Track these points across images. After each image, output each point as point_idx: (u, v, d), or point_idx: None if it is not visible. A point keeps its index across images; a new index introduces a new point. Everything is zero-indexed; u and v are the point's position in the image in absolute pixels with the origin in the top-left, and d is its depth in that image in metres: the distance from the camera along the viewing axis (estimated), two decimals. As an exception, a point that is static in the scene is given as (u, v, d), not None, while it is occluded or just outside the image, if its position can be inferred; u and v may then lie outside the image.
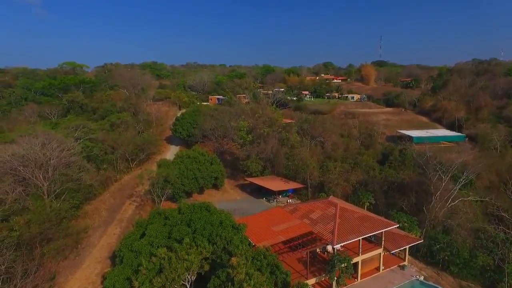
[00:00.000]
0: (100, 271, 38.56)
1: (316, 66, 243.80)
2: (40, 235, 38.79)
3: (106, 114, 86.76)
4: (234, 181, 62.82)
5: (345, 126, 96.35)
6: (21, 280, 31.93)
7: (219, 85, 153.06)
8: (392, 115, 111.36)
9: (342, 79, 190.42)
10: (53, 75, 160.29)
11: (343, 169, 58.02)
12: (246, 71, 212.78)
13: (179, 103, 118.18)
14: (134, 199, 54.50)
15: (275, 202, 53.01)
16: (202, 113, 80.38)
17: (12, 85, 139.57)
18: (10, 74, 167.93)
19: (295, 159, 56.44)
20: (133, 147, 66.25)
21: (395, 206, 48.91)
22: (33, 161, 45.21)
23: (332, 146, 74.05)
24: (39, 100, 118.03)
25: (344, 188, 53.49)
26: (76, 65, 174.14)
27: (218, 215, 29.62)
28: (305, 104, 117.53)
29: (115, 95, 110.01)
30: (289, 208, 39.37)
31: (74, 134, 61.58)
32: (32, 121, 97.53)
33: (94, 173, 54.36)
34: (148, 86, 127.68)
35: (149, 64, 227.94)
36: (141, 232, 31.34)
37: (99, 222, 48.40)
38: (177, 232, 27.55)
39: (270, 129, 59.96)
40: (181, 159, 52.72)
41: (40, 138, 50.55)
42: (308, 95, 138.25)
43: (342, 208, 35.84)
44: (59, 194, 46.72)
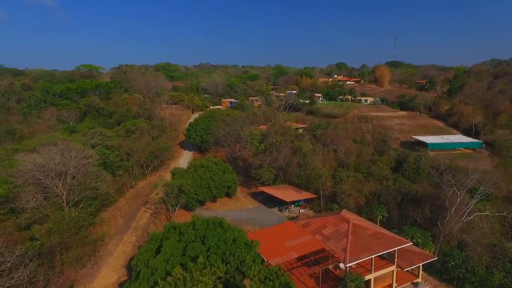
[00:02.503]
0: (116, 280, 39.75)
1: (329, 67, 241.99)
2: (59, 244, 40.25)
3: (122, 119, 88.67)
4: (246, 189, 63.33)
5: (358, 131, 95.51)
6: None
7: (232, 88, 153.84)
8: (407, 119, 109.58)
9: (356, 81, 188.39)
10: (70, 77, 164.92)
11: (356, 179, 57.71)
12: (258, 72, 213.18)
13: (192, 106, 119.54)
14: (148, 207, 55.64)
15: (287, 212, 53.28)
16: (215, 118, 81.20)
17: (32, 88, 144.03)
18: (30, 77, 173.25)
19: (307, 168, 56.47)
20: (148, 153, 67.62)
21: (409, 218, 48.51)
22: (52, 171, 46.81)
23: (345, 152, 73.75)
24: (58, 103, 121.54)
25: (357, 199, 53.26)
26: (92, 67, 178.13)
27: (232, 232, 30.15)
28: (317, 108, 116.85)
29: (130, 99, 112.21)
30: (301, 222, 39.58)
31: (91, 141, 63.35)
32: (51, 124, 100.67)
33: (110, 180, 55.77)
34: (162, 90, 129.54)
35: (163, 65, 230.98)
36: (156, 246, 32.17)
37: (115, 229, 49.69)
38: (191, 249, 28.23)
39: (282, 138, 60.13)
40: (194, 168, 53.53)
41: (59, 146, 52.40)
42: (320, 97, 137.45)
43: (355, 225, 35.83)
44: (77, 202, 48.32)
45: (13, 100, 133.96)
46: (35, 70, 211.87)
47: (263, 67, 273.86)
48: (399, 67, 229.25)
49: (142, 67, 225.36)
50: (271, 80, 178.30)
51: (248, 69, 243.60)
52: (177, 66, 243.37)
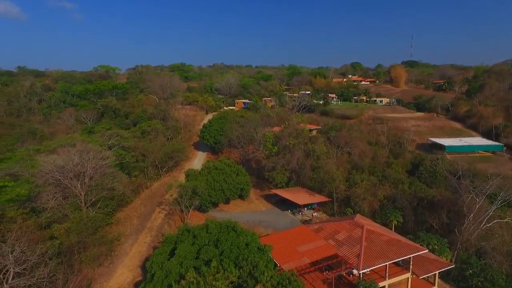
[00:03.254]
0: (131, 280, 40.61)
1: (344, 67, 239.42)
2: (78, 244, 41.44)
3: (138, 120, 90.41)
4: (259, 191, 63.49)
5: (373, 133, 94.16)
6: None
7: (245, 88, 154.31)
8: (423, 120, 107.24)
9: (371, 81, 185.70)
10: (88, 78, 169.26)
11: (370, 182, 56.98)
12: (272, 72, 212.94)
13: (206, 107, 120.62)
14: (163, 207, 56.52)
15: (300, 215, 53.14)
16: (228, 120, 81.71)
17: (52, 88, 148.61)
18: (50, 78, 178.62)
19: (321, 171, 56.14)
20: (163, 154, 68.69)
21: (425, 224, 47.58)
22: (71, 172, 48.19)
23: (359, 154, 72.92)
24: (76, 103, 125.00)
25: (371, 203, 52.60)
26: (109, 68, 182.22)
27: (245, 236, 30.36)
28: (331, 109, 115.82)
29: (146, 100, 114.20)
30: (314, 227, 39.41)
31: (108, 142, 64.87)
32: (70, 125, 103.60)
33: (126, 181, 56.92)
34: (176, 91, 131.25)
35: (178, 65, 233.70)
36: (170, 248, 32.70)
37: (130, 229, 50.71)
38: (205, 253, 28.60)
39: (296, 140, 59.94)
40: (208, 170, 54.04)
41: (77, 147, 53.87)
42: (335, 98, 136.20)
43: (369, 231, 35.43)
44: (95, 202, 49.57)
45: (34, 101, 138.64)
46: (55, 71, 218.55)
47: (277, 67, 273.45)
48: (415, 66, 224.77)
49: (157, 68, 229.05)
50: (284, 81, 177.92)
51: (262, 69, 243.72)
52: (191, 66, 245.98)
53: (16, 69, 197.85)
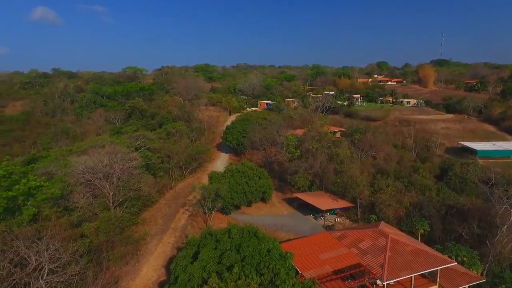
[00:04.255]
0: (156, 279, 41.83)
1: (369, 66, 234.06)
2: (106, 242, 43.17)
3: (163, 121, 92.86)
4: (281, 194, 63.41)
5: (399, 135, 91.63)
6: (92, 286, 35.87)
7: (268, 89, 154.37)
8: (453, 123, 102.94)
9: (397, 81, 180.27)
10: (117, 79, 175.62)
11: (395, 188, 55.43)
12: (295, 72, 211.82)
13: (229, 108, 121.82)
14: (187, 208, 57.69)
15: (322, 220, 52.60)
16: (251, 122, 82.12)
17: (84, 90, 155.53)
18: (82, 79, 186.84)
19: (344, 176, 55.26)
20: (187, 156, 70.12)
21: (453, 234, 45.67)
22: (100, 172, 50.27)
23: (384, 158, 71.16)
24: (106, 104, 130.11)
25: (397, 210, 51.14)
26: (136, 69, 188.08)
27: (266, 243, 30.51)
28: (356, 110, 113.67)
29: (171, 101, 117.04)
30: (336, 234, 38.94)
31: (135, 143, 67.10)
32: (99, 125, 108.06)
33: (152, 182, 58.61)
34: (201, 92, 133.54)
35: (202, 66, 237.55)
36: (193, 252, 33.42)
37: (155, 229, 52.13)
38: (227, 258, 29.04)
39: (319, 144, 59.36)
40: (230, 173, 54.64)
41: (107, 149, 56.17)
42: (359, 99, 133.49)
43: (394, 240, 34.58)
44: (122, 202, 51.42)
45: (67, 101, 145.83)
46: (86, 72, 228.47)
47: (300, 67, 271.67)
48: (446, 65, 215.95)
49: (182, 68, 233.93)
50: (308, 81, 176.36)
51: (285, 69, 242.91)
52: (215, 67, 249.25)
53: (51, 71, 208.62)
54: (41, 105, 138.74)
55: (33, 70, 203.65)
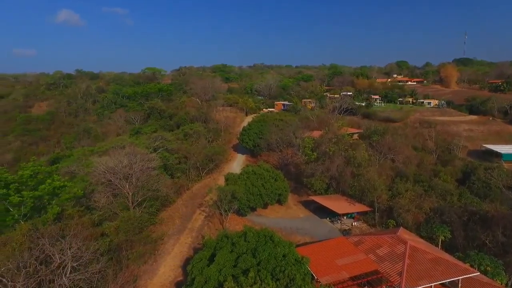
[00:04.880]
0: (173, 279, 42.54)
1: (388, 66, 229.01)
2: (126, 242, 44.35)
3: (181, 122, 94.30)
4: (297, 196, 63.12)
5: (419, 137, 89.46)
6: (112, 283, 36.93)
7: (285, 89, 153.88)
8: (477, 125, 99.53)
9: (418, 81, 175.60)
10: (137, 79, 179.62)
11: (415, 192, 54.13)
12: (312, 72, 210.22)
13: (246, 109, 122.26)
14: (203, 209, 58.37)
15: (339, 224, 52.04)
16: (267, 123, 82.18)
17: (105, 90, 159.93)
18: (103, 80, 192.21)
19: (362, 179, 54.43)
20: (204, 157, 70.95)
21: (476, 241, 44.15)
22: (121, 173, 51.64)
23: (403, 161, 69.62)
24: (126, 104, 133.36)
25: (416, 215, 49.92)
26: (155, 70, 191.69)
27: (282, 247, 30.52)
28: (374, 111, 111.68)
29: (188, 102, 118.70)
30: (353, 239, 38.46)
31: (154, 144, 68.54)
32: (120, 125, 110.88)
33: (170, 183, 59.66)
34: (218, 93, 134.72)
35: (219, 66, 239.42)
36: (210, 254, 33.82)
37: (173, 230, 53.02)
38: (243, 262, 29.26)
39: (336, 147, 58.71)
40: (247, 175, 54.88)
41: (126, 150, 57.64)
42: (378, 100, 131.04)
43: (413, 247, 33.82)
44: (141, 202, 52.64)
45: (89, 102, 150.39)
46: (107, 73, 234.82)
47: (317, 66, 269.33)
48: (469, 65, 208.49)
49: (199, 69, 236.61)
50: (325, 81, 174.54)
51: (302, 69, 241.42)
52: (232, 67, 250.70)
53: (75, 72, 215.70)
54: (65, 106, 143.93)
55: (57, 72, 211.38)
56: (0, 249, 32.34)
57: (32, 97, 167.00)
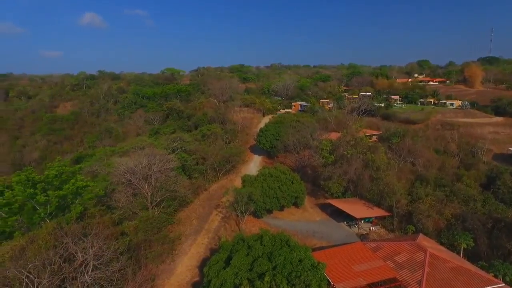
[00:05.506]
0: (190, 279, 43.25)
1: (409, 65, 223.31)
2: (144, 241, 45.43)
3: (199, 123, 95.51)
4: (314, 199, 62.68)
5: (441, 140, 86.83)
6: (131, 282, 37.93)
7: (303, 90, 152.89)
8: (503, 127, 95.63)
9: (440, 81, 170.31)
10: (156, 80, 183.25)
11: (436, 198, 52.67)
12: (330, 72, 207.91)
13: (263, 109, 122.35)
14: (220, 210, 58.93)
15: (356, 228, 51.31)
16: (284, 124, 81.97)
17: (126, 91, 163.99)
18: (124, 81, 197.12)
19: (380, 183, 53.44)
20: (221, 158, 71.57)
21: (501, 249, 42.55)
22: (140, 174, 52.89)
23: (424, 164, 67.85)
24: (145, 104, 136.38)
25: (437, 221, 48.53)
26: (174, 71, 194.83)
27: (298, 252, 30.45)
28: (394, 112, 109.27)
29: (206, 103, 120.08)
30: (371, 245, 37.86)
31: (172, 145, 69.77)
32: (139, 125, 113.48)
33: (187, 183, 60.54)
34: (235, 94, 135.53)
35: (237, 67, 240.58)
36: (226, 256, 34.17)
37: (190, 230, 53.83)
38: (259, 266, 29.43)
39: (354, 150, 57.87)
40: (263, 177, 54.98)
41: (146, 151, 58.99)
42: (398, 100, 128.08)
43: (433, 255, 32.97)
44: (159, 203, 53.74)
45: (111, 102, 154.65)
46: (128, 73, 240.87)
47: (336, 66, 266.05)
48: (495, 64, 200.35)
49: (217, 69, 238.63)
50: (343, 81, 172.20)
51: (320, 69, 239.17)
52: (249, 67, 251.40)
53: (97, 72, 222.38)
54: (88, 106, 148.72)
55: (81, 72, 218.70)
56: (28, 246, 33.75)
57: (58, 98, 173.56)
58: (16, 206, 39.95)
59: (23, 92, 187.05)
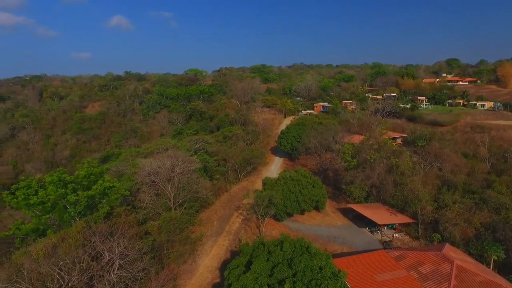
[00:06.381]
0: (210, 281, 44.00)
1: (437, 64, 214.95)
2: (167, 241, 46.64)
3: (221, 124, 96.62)
4: (335, 203, 61.93)
5: (470, 143, 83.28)
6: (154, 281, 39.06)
7: (325, 90, 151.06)
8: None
9: (470, 81, 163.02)
10: (180, 81, 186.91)
11: (464, 205, 50.61)
12: (354, 72, 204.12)
13: (284, 110, 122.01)
14: (240, 212, 59.46)
15: (379, 235, 50.28)
16: (306, 126, 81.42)
17: (150, 91, 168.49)
18: (149, 82, 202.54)
19: (404, 189, 52.00)
20: (242, 160, 72.13)
21: (535, 263, 40.40)
22: (164, 175, 54.27)
23: (451, 169, 65.30)
24: (169, 105, 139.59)
25: (465, 230, 46.64)
26: (197, 71, 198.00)
27: (319, 259, 30.25)
28: (420, 114, 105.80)
29: (228, 104, 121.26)
30: (394, 253, 37.00)
31: (194, 146, 71.06)
32: (163, 125, 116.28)
33: (209, 185, 61.43)
34: (256, 95, 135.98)
35: (259, 67, 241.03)
36: (246, 260, 34.52)
37: (211, 231, 54.71)
38: (279, 272, 29.53)
39: (378, 154, 56.62)
40: (284, 180, 54.93)
41: (169, 152, 60.45)
42: (424, 101, 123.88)
43: (460, 267, 31.79)
44: (181, 203, 54.92)
45: (136, 102, 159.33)
46: (153, 74, 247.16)
47: (359, 65, 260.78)
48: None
49: (239, 69, 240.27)
50: (367, 81, 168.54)
51: (343, 68, 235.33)
52: (271, 67, 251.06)
53: (124, 73, 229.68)
54: (114, 106, 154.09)
55: (109, 73, 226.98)
56: (60, 244, 35.55)
57: (87, 98, 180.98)
58: (49, 205, 42.11)
59: (55, 93, 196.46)
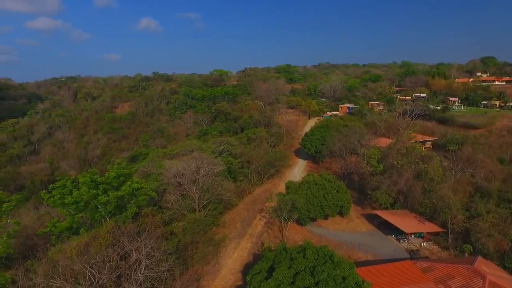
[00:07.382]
0: (233, 283, 44.53)
1: (471, 63, 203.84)
2: (191, 243, 47.73)
3: (245, 125, 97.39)
4: (360, 208, 60.67)
5: (506, 147, 78.62)
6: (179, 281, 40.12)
7: (351, 91, 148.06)
8: None
9: (508, 81, 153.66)
10: (205, 81, 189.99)
11: (499, 215, 48.00)
12: (381, 71, 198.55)
13: (309, 112, 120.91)
14: (263, 215, 59.62)
15: (405, 243, 48.74)
16: (331, 128, 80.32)
17: (177, 92, 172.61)
18: (176, 82, 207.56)
19: (434, 196, 50.06)
20: (265, 162, 72.35)
21: None
22: (189, 177, 55.54)
23: (485, 175, 61.95)
24: (195, 105, 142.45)
25: (499, 242, 44.19)
26: (222, 72, 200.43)
27: (342, 269, 29.85)
28: (452, 116, 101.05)
29: (252, 105, 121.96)
30: (421, 264, 35.76)
31: (219, 148, 72.15)
32: (189, 126, 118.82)
33: (232, 187, 62.13)
34: (281, 96, 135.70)
35: (283, 67, 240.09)
36: (269, 265, 34.68)
37: (234, 233, 55.29)
38: (301, 280, 29.44)
39: (405, 160, 54.85)
40: (308, 184, 54.55)
41: (194, 154, 61.77)
42: (457, 102, 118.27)
43: (492, 283, 30.24)
44: (206, 205, 55.98)
45: (163, 103, 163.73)
46: (179, 75, 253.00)
47: (387, 64, 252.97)
48: None
49: (264, 70, 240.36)
50: (395, 81, 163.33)
51: (370, 68, 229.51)
52: (296, 67, 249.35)
53: (152, 74, 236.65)
54: (143, 106, 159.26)
55: (138, 74, 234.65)
56: (91, 243, 37.36)
57: (117, 99, 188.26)
58: (82, 205, 44.38)
59: (88, 94, 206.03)
